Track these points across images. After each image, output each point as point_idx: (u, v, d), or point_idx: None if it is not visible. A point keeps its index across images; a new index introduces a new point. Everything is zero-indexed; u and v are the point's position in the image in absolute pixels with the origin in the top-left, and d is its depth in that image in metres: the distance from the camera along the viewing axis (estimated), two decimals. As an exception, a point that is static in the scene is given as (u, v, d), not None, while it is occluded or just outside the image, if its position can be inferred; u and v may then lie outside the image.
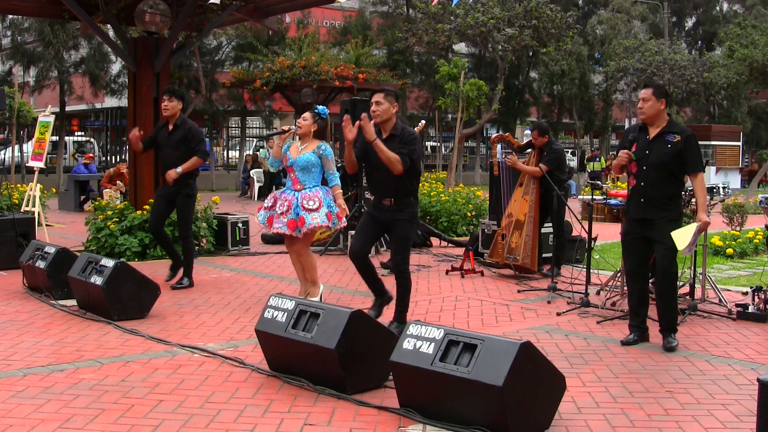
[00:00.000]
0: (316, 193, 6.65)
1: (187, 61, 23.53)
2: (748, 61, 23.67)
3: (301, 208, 6.59)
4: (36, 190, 10.52)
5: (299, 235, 6.66)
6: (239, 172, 25.80)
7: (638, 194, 5.67)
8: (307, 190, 6.66)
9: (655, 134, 5.63)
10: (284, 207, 6.68)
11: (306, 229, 6.59)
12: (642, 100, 5.65)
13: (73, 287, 6.70)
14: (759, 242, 10.62)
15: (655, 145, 5.61)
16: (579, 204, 13.58)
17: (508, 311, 6.94)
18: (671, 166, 5.58)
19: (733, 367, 5.17)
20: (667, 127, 5.64)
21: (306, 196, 6.63)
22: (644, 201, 5.61)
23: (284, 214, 6.66)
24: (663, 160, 5.57)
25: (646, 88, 5.69)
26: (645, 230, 5.63)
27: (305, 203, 6.59)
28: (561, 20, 22.56)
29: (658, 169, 5.58)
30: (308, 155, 6.67)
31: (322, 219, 6.59)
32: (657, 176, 5.58)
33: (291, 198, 6.68)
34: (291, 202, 6.65)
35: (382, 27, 30.16)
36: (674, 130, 5.62)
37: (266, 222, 6.87)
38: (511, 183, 8.86)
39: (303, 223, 6.57)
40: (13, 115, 19.09)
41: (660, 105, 5.61)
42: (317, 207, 6.59)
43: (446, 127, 32.27)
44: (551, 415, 4.01)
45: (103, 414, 4.17)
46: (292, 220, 6.60)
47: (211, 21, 10.80)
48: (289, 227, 6.62)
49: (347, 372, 4.44)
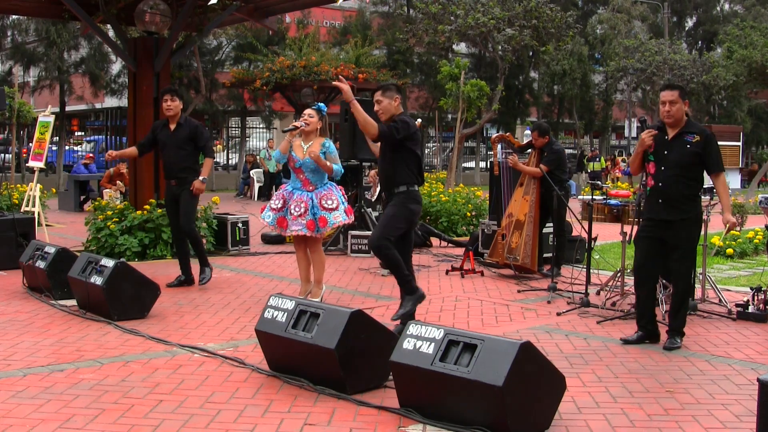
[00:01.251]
0: (330, 192, 6.75)
1: (187, 61, 23.52)
2: (747, 62, 23.67)
3: (319, 208, 6.66)
4: (36, 190, 10.52)
5: (319, 235, 6.75)
6: (239, 172, 25.80)
7: (656, 195, 5.61)
8: (320, 189, 6.73)
9: (674, 134, 5.58)
10: (301, 209, 6.68)
11: (329, 229, 6.72)
12: (669, 103, 5.53)
13: (73, 287, 6.70)
14: (759, 242, 10.63)
15: (675, 146, 5.56)
16: (579, 204, 13.57)
17: (508, 311, 6.94)
18: (690, 166, 5.53)
19: (733, 367, 5.17)
20: (686, 127, 5.59)
21: (322, 195, 6.70)
22: (662, 201, 5.55)
23: (302, 215, 6.67)
24: (682, 161, 5.52)
25: (672, 90, 5.57)
26: (662, 231, 5.57)
27: (324, 203, 6.66)
28: (561, 20, 22.57)
29: (677, 169, 5.52)
30: (318, 156, 6.71)
31: (343, 217, 6.74)
32: (676, 176, 5.52)
33: (306, 199, 6.71)
34: (307, 204, 6.68)
35: (382, 27, 30.15)
36: (693, 130, 5.56)
37: (276, 223, 6.84)
38: (512, 183, 8.86)
39: (325, 222, 6.65)
40: (13, 115, 19.09)
41: (684, 107, 5.58)
42: (336, 206, 6.70)
43: (446, 127, 32.26)
44: (551, 415, 4.01)
45: (103, 414, 4.17)
46: (312, 221, 6.65)
47: (211, 21, 10.81)
48: (309, 228, 6.65)
49: (347, 372, 4.44)
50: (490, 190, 9.75)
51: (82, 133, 36.74)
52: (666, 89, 5.64)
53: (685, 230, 5.52)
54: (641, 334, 5.73)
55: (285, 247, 10.83)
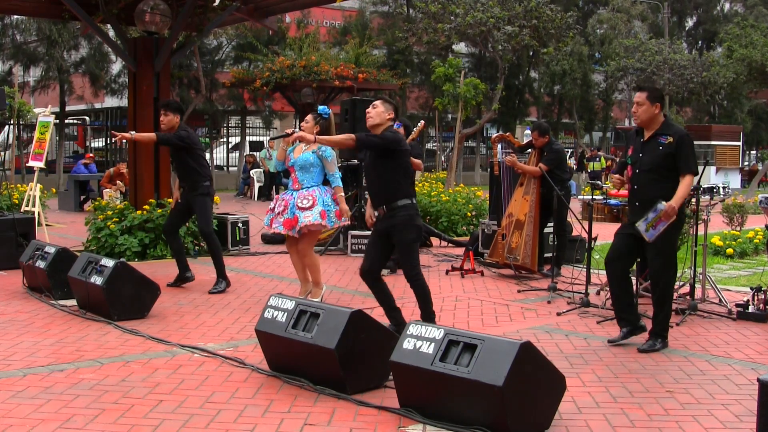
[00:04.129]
0: (311, 192, 6.70)
1: (187, 61, 23.51)
2: (747, 62, 23.67)
3: (295, 207, 6.65)
4: (36, 190, 10.52)
5: (295, 234, 6.72)
6: (239, 172, 25.81)
7: (634, 198, 5.64)
8: (303, 189, 6.73)
9: (649, 136, 5.58)
10: (281, 207, 6.78)
11: (300, 227, 6.63)
12: (636, 104, 5.57)
13: (73, 287, 6.70)
14: (759, 242, 10.62)
15: (648, 148, 5.56)
16: (579, 204, 13.57)
17: (508, 311, 6.94)
18: (663, 167, 5.49)
19: (733, 367, 5.17)
20: (660, 129, 5.57)
21: (301, 195, 6.70)
22: (639, 204, 5.53)
23: (281, 213, 6.74)
24: (654, 162, 5.50)
25: (641, 92, 5.59)
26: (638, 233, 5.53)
27: (299, 202, 6.66)
28: (561, 20, 22.56)
29: (651, 171, 5.51)
30: (307, 155, 6.74)
31: (315, 217, 6.59)
32: (650, 178, 5.51)
33: (288, 198, 6.78)
34: (288, 202, 6.73)
35: (382, 27, 30.15)
36: (667, 132, 5.53)
37: (269, 223, 6.95)
38: (512, 183, 8.86)
39: (296, 221, 6.62)
40: (13, 115, 19.08)
41: (654, 109, 5.53)
42: (310, 205, 6.62)
43: (446, 127, 32.25)
44: (551, 415, 4.01)
45: (103, 414, 4.17)
46: (288, 220, 6.67)
47: (211, 21, 10.81)
48: (285, 227, 6.69)
49: (347, 372, 4.44)
50: (490, 189, 9.75)
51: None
52: (636, 90, 5.68)
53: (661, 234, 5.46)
54: (626, 331, 5.68)
55: (285, 247, 10.80)
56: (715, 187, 7.19)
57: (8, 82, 22.02)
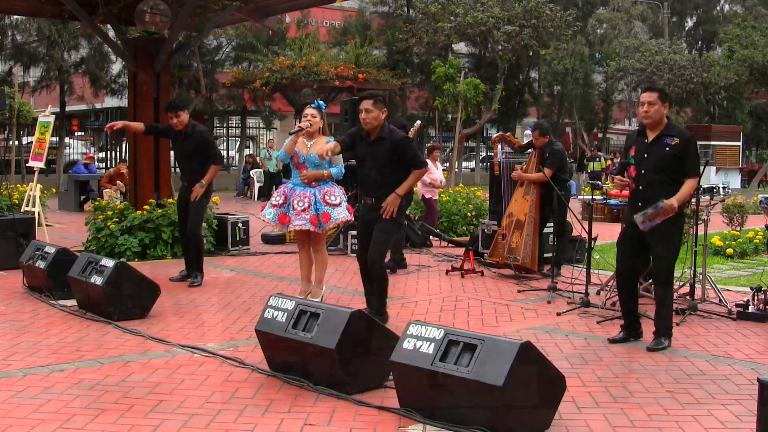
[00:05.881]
0: (333, 189, 6.79)
1: (187, 61, 23.49)
2: (748, 62, 23.66)
3: (323, 204, 6.70)
4: (36, 190, 10.52)
5: (321, 231, 6.78)
6: (239, 172, 25.82)
7: (636, 198, 5.63)
8: (322, 186, 6.78)
9: (654, 137, 5.58)
10: (304, 203, 6.68)
11: (332, 224, 6.77)
12: (647, 104, 5.54)
13: (73, 287, 6.70)
14: (759, 242, 10.62)
15: (654, 148, 5.56)
16: (579, 204, 13.58)
17: (508, 311, 6.94)
18: (669, 168, 5.51)
19: (733, 367, 5.17)
20: (665, 129, 5.57)
21: (326, 191, 6.74)
22: (642, 205, 5.53)
23: (306, 210, 6.67)
24: (661, 163, 5.51)
25: (651, 92, 5.57)
26: (640, 233, 5.54)
27: (327, 198, 6.71)
28: (561, 19, 22.57)
29: (656, 171, 5.52)
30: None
31: (346, 213, 6.78)
32: (655, 179, 5.52)
33: (309, 194, 6.72)
34: (310, 199, 6.70)
35: (382, 27, 30.14)
36: (673, 133, 5.54)
37: (277, 219, 6.81)
38: (512, 183, 8.86)
39: (328, 218, 6.69)
40: (13, 115, 19.08)
41: (664, 109, 5.56)
42: (339, 202, 6.74)
43: (446, 127, 32.25)
44: (551, 415, 4.01)
45: (103, 414, 4.17)
46: (315, 216, 6.67)
47: (211, 21, 10.81)
48: (312, 223, 6.67)
49: (347, 372, 4.44)
50: (491, 189, 9.75)
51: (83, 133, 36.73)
52: (646, 90, 5.65)
53: (661, 231, 5.47)
54: (625, 333, 5.75)
55: (285, 247, 10.83)
56: (715, 187, 7.19)
57: (8, 82, 22.02)
